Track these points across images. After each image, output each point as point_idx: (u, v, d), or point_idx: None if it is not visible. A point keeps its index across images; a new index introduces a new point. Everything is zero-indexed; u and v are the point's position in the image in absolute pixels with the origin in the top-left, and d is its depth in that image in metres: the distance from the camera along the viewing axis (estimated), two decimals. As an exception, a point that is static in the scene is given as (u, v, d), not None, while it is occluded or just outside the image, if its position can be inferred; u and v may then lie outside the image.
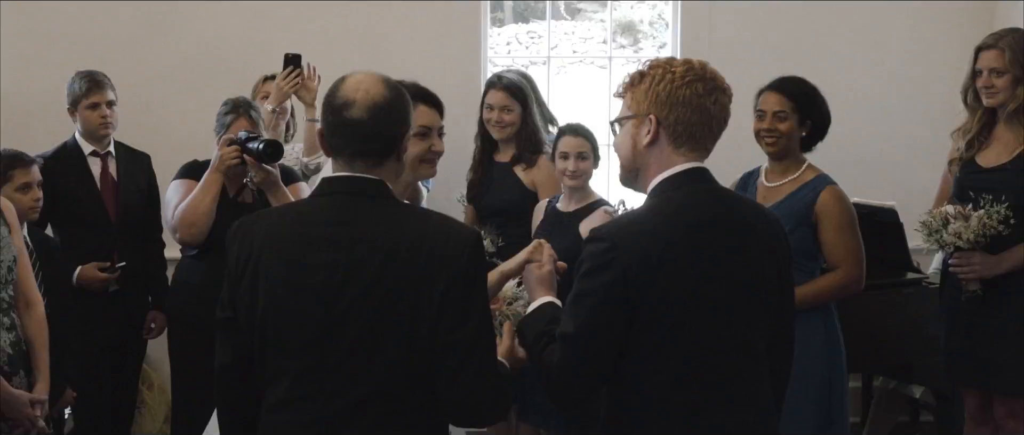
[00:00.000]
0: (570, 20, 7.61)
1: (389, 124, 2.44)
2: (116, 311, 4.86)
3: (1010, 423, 4.27)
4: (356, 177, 2.44)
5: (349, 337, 2.36)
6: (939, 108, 5.29)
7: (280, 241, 2.42)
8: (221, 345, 2.51)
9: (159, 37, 5.80)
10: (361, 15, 5.83)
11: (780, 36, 5.86)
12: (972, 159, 4.28)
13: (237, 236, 2.49)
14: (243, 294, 2.43)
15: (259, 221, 2.51)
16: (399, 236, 2.38)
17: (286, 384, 2.41)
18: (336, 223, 2.40)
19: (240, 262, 2.44)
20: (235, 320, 2.46)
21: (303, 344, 2.38)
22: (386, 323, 2.35)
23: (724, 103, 2.64)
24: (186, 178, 4.48)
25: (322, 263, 2.37)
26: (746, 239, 2.60)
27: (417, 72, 5.71)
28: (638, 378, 2.55)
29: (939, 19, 5.92)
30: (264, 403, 2.46)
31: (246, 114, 4.41)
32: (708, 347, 2.54)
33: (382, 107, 2.43)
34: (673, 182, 2.59)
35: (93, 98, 4.84)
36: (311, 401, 2.39)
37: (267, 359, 2.43)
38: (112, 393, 4.91)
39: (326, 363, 2.37)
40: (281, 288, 2.39)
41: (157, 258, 5.05)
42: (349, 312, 2.35)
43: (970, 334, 4.26)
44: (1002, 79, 4.17)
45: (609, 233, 2.55)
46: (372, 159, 2.44)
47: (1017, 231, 4.10)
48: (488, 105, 4.89)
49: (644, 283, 2.48)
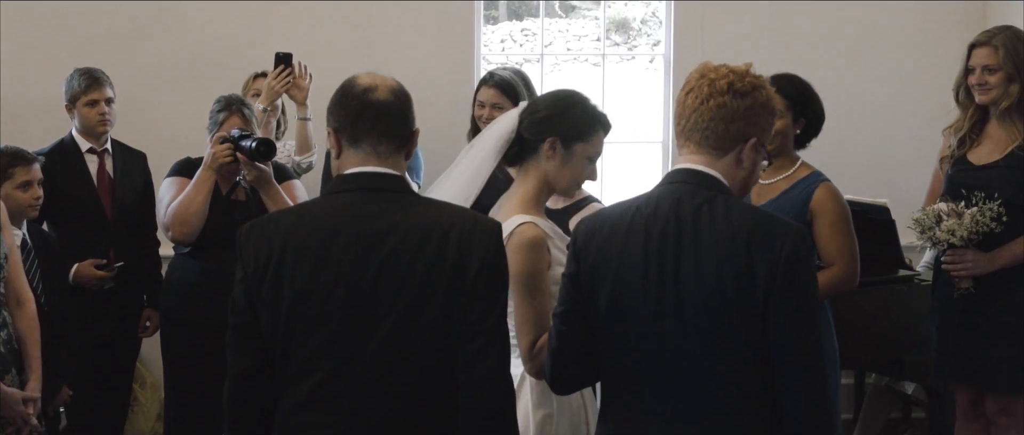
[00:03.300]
0: (564, 18, 7.62)
1: (409, 110, 2.53)
2: (111, 309, 4.87)
3: (1002, 420, 4.28)
4: (377, 173, 2.46)
5: (383, 330, 2.37)
6: (931, 106, 5.30)
7: (304, 239, 2.41)
8: (239, 351, 2.45)
9: (153, 36, 5.79)
10: (354, 13, 5.83)
11: (773, 34, 5.87)
12: (963, 156, 4.29)
13: (251, 239, 2.45)
14: (265, 296, 2.40)
15: (275, 222, 2.49)
16: (428, 224, 2.42)
17: (314, 382, 2.40)
18: (363, 217, 2.41)
19: (260, 264, 2.41)
20: (254, 324, 2.42)
21: (334, 340, 2.38)
22: (421, 313, 2.38)
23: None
24: (179, 176, 4.47)
25: (352, 258, 2.38)
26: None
27: (410, 70, 5.76)
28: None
29: (931, 18, 5.94)
30: (283, 404, 2.44)
31: (239, 112, 4.40)
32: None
33: (403, 92, 2.53)
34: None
35: (92, 95, 4.85)
36: (341, 397, 2.39)
37: (290, 359, 2.41)
38: (106, 391, 4.91)
39: (359, 358, 2.38)
40: (310, 286, 2.38)
41: (153, 256, 5.06)
42: (384, 305, 2.37)
43: (962, 331, 4.27)
44: (995, 76, 4.18)
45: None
46: (396, 142, 2.48)
47: (1009, 228, 4.12)
48: (479, 102, 4.88)
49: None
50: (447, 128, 5.45)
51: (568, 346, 2.63)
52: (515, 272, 2.92)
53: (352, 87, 2.50)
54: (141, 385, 5.68)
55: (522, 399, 3.10)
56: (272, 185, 4.32)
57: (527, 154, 3.16)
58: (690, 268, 2.42)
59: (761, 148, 2.56)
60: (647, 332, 2.48)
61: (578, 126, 3.11)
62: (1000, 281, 4.17)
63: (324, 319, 2.38)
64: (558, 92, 3.24)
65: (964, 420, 4.44)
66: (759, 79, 2.57)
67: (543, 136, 3.10)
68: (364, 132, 2.46)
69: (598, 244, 2.56)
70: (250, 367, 2.44)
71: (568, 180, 3.14)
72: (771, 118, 2.59)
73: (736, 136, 2.52)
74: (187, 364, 4.42)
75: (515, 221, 3.04)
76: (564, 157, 3.10)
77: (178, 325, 4.49)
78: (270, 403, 2.46)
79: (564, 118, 3.11)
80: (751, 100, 2.52)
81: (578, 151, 3.10)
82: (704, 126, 2.52)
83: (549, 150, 3.10)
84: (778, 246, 2.38)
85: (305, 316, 2.38)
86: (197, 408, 4.34)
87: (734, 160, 2.53)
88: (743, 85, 2.52)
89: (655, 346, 2.48)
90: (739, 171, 2.54)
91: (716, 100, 2.51)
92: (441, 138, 5.54)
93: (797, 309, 2.40)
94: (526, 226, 3.02)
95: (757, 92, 2.54)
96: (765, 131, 2.57)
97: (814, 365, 2.43)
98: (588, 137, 3.11)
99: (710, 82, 2.53)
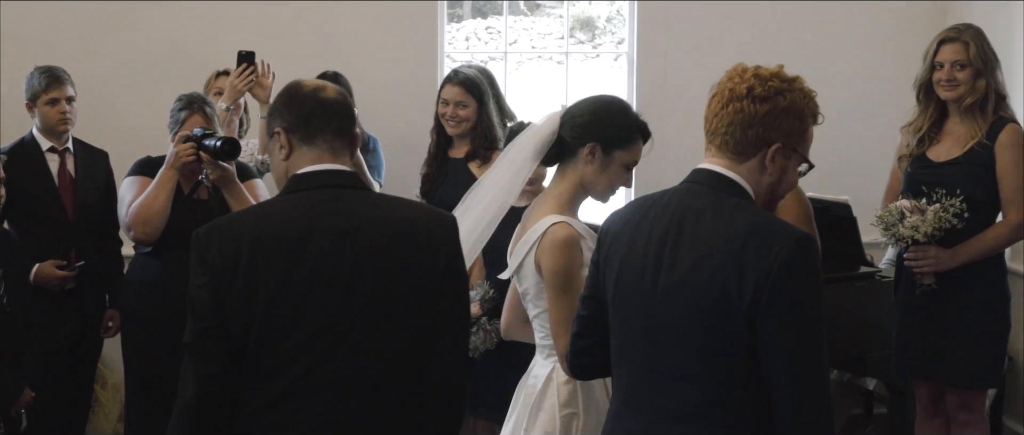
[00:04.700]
0: (529, 16, 7.63)
1: (354, 112, 2.57)
2: (73, 309, 4.84)
3: (962, 415, 4.32)
4: (339, 170, 2.49)
5: (362, 324, 2.40)
6: (892, 104, 5.34)
7: (277, 237, 2.40)
8: (207, 355, 2.41)
9: (114, 34, 5.76)
10: (317, 11, 5.82)
11: (735, 33, 5.91)
12: (923, 154, 4.33)
13: (213, 240, 2.42)
14: (237, 296, 2.38)
15: (239, 223, 2.48)
16: (395, 219, 2.46)
17: (291, 378, 2.39)
18: (335, 214, 2.43)
19: (229, 265, 2.38)
20: (222, 327, 2.39)
21: (313, 336, 2.38)
22: (397, 306, 2.42)
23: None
24: (139, 175, 4.44)
25: (329, 254, 2.39)
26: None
27: (374, 68, 5.78)
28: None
29: (892, 17, 5.99)
30: (252, 401, 2.43)
31: (200, 110, 4.37)
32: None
33: (347, 96, 2.57)
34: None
35: (53, 93, 4.82)
36: (321, 392, 2.40)
37: (264, 358, 2.40)
38: (67, 392, 4.88)
39: (338, 352, 2.39)
40: (287, 283, 2.37)
41: (115, 256, 5.03)
42: (361, 300, 2.39)
43: (924, 327, 4.31)
44: (964, 72, 4.22)
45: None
46: (347, 139, 2.52)
47: (970, 225, 4.16)
48: (443, 100, 4.88)
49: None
50: (411, 127, 5.45)
51: (586, 330, 2.69)
52: (549, 271, 3.02)
53: (301, 87, 2.54)
54: (102, 386, 5.65)
55: (548, 399, 3.15)
56: (235, 184, 4.29)
57: (566, 156, 3.19)
58: (682, 266, 2.42)
59: (793, 153, 2.51)
60: (639, 325, 2.51)
61: (619, 133, 3.15)
62: (962, 277, 4.22)
63: (302, 316, 2.38)
64: (601, 98, 3.26)
65: (925, 415, 4.48)
66: (786, 83, 2.51)
67: (584, 141, 3.13)
68: (318, 130, 2.48)
69: (614, 233, 2.61)
70: (219, 370, 2.41)
71: (604, 186, 3.18)
72: (799, 123, 2.51)
73: (756, 141, 2.47)
74: (148, 364, 4.39)
75: (548, 221, 3.10)
76: (603, 163, 3.14)
77: (139, 325, 4.45)
78: (230, 407, 2.44)
79: (606, 125, 3.14)
80: (771, 105, 2.46)
81: (617, 158, 3.14)
82: (723, 131, 2.48)
83: (588, 155, 3.13)
84: (774, 253, 2.32)
85: (281, 314, 2.38)
86: (158, 408, 4.30)
87: (757, 165, 2.49)
88: (764, 90, 2.47)
89: (644, 339, 2.50)
90: (765, 177, 2.50)
91: (734, 105, 2.47)
92: (405, 137, 5.55)
93: (789, 318, 2.32)
94: (559, 226, 3.07)
95: (779, 97, 2.47)
96: (792, 136, 2.50)
97: (807, 376, 2.34)
98: (628, 145, 3.15)
99: (732, 87, 2.49)
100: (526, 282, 3.19)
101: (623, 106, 3.24)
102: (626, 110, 3.22)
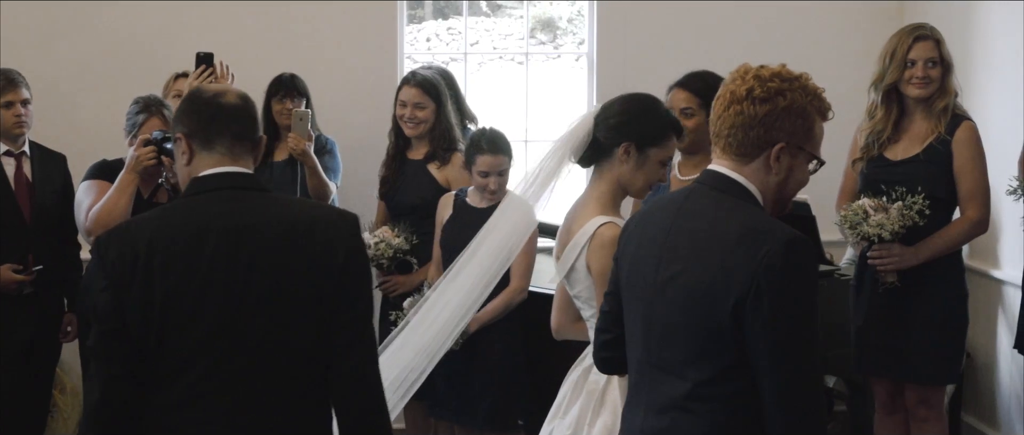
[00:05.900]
0: (490, 17, 7.62)
1: (256, 115, 2.62)
2: (30, 314, 4.79)
3: (921, 411, 4.35)
4: (239, 172, 2.53)
5: (259, 323, 2.42)
6: (849, 104, 5.37)
7: (173, 238, 2.43)
8: (108, 358, 2.44)
9: (70, 35, 5.70)
10: (276, 12, 5.79)
11: (694, 33, 5.92)
12: (881, 154, 4.35)
13: (112, 245, 2.46)
14: (135, 298, 2.41)
15: (137, 226, 2.53)
16: (294, 219, 2.50)
17: (191, 379, 2.42)
18: (231, 214, 2.46)
19: (126, 267, 2.42)
20: (122, 330, 2.42)
21: (210, 337, 2.41)
22: (294, 305, 2.44)
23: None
24: (96, 178, 4.41)
25: (225, 253, 2.42)
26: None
27: (333, 69, 5.76)
28: None
29: (849, 17, 6.01)
30: (154, 404, 2.44)
31: (159, 113, 4.35)
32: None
33: (250, 99, 2.61)
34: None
35: (7, 96, 4.76)
36: (221, 394, 2.42)
37: (163, 359, 2.42)
38: (25, 397, 4.83)
39: (238, 353, 2.41)
40: (183, 283, 2.40)
41: (73, 260, 4.98)
42: (258, 299, 2.42)
43: (886, 325, 4.34)
44: (936, 70, 4.25)
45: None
46: (248, 144, 2.56)
47: (930, 222, 4.19)
48: (401, 102, 4.85)
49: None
50: (370, 128, 5.44)
51: (608, 325, 2.75)
52: (599, 272, 3.07)
53: (202, 93, 2.59)
54: (61, 391, 5.59)
55: (610, 394, 3.24)
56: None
57: (601, 156, 3.25)
58: (677, 264, 2.47)
59: (800, 151, 2.52)
60: (641, 320, 2.56)
61: (653, 131, 3.22)
62: (921, 274, 4.25)
63: (199, 316, 2.40)
64: (633, 97, 3.32)
65: (883, 413, 4.51)
66: (787, 83, 2.52)
67: (618, 141, 3.20)
68: (217, 134, 2.53)
69: (631, 230, 2.67)
70: (120, 373, 2.43)
71: (642, 183, 3.25)
72: (802, 121, 2.52)
73: (758, 142, 2.48)
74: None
75: (597, 222, 3.17)
76: (638, 161, 3.21)
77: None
78: (138, 408, 2.45)
79: (639, 123, 3.22)
80: (771, 106, 2.48)
81: (652, 156, 3.22)
82: (727, 133, 2.51)
83: (623, 154, 3.20)
84: (762, 253, 2.34)
85: (179, 314, 2.40)
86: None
87: (762, 166, 2.50)
88: (764, 91, 2.48)
89: (645, 334, 2.55)
90: (771, 176, 2.51)
91: (735, 108, 2.49)
92: (364, 138, 5.53)
93: (776, 319, 2.34)
94: (607, 226, 3.14)
95: (779, 97, 2.49)
96: (796, 135, 2.51)
97: (795, 377, 2.37)
98: (662, 142, 3.23)
99: (733, 89, 2.52)
100: (578, 285, 3.25)
101: (655, 104, 3.31)
102: (657, 107, 3.30)
